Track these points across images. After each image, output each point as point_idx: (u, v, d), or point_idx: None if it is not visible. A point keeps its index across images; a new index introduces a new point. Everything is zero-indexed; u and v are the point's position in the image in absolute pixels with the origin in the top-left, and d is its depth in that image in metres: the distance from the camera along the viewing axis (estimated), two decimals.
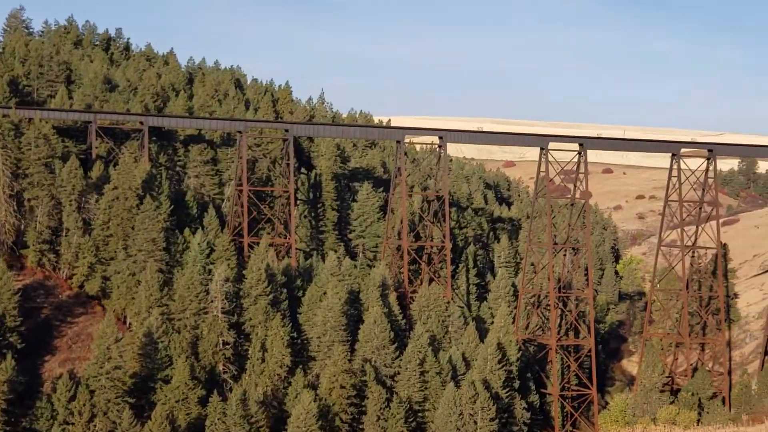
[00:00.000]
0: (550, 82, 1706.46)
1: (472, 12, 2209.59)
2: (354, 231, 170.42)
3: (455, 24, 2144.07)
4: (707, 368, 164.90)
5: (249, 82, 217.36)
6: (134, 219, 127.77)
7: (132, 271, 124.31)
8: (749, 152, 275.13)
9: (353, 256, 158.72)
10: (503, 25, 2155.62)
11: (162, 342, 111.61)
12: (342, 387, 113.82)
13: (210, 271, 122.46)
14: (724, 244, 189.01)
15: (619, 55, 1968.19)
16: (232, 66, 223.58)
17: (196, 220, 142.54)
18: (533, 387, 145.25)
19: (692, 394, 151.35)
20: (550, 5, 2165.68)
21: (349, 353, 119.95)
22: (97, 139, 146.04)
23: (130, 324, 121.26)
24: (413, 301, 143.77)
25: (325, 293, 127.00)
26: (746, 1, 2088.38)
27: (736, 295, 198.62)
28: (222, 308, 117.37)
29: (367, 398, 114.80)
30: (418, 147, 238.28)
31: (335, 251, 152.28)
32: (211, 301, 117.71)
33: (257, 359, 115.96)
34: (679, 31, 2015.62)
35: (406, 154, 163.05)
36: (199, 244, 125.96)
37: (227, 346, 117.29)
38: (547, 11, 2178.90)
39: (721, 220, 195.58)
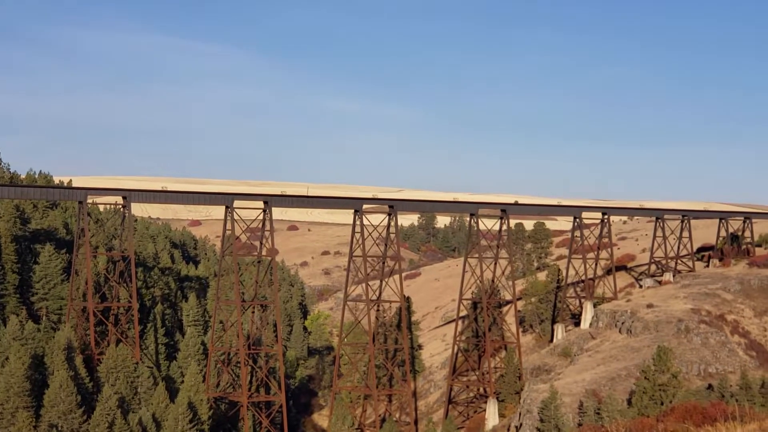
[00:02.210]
0: (234, 140, 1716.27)
1: (141, 68, 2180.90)
2: (37, 294, 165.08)
3: (126, 81, 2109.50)
4: (395, 419, 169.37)
5: None
6: None
7: None
8: (427, 207, 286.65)
9: (36, 320, 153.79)
10: (176, 81, 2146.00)
11: None
12: None
13: None
14: (408, 297, 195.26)
15: (299, 113, 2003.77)
16: None
17: None
18: None
19: None
20: (219, 63, 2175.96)
21: (35, 419, 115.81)
22: None
23: None
24: (101, 363, 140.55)
25: (7, 358, 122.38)
26: (418, 63, 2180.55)
27: (420, 347, 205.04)
28: None
29: None
30: (101, 207, 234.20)
31: (17, 315, 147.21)
32: None
33: None
34: (354, 90, 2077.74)
35: (89, 214, 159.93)
36: None
37: None
38: (222, 67, 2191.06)
39: (403, 274, 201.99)
